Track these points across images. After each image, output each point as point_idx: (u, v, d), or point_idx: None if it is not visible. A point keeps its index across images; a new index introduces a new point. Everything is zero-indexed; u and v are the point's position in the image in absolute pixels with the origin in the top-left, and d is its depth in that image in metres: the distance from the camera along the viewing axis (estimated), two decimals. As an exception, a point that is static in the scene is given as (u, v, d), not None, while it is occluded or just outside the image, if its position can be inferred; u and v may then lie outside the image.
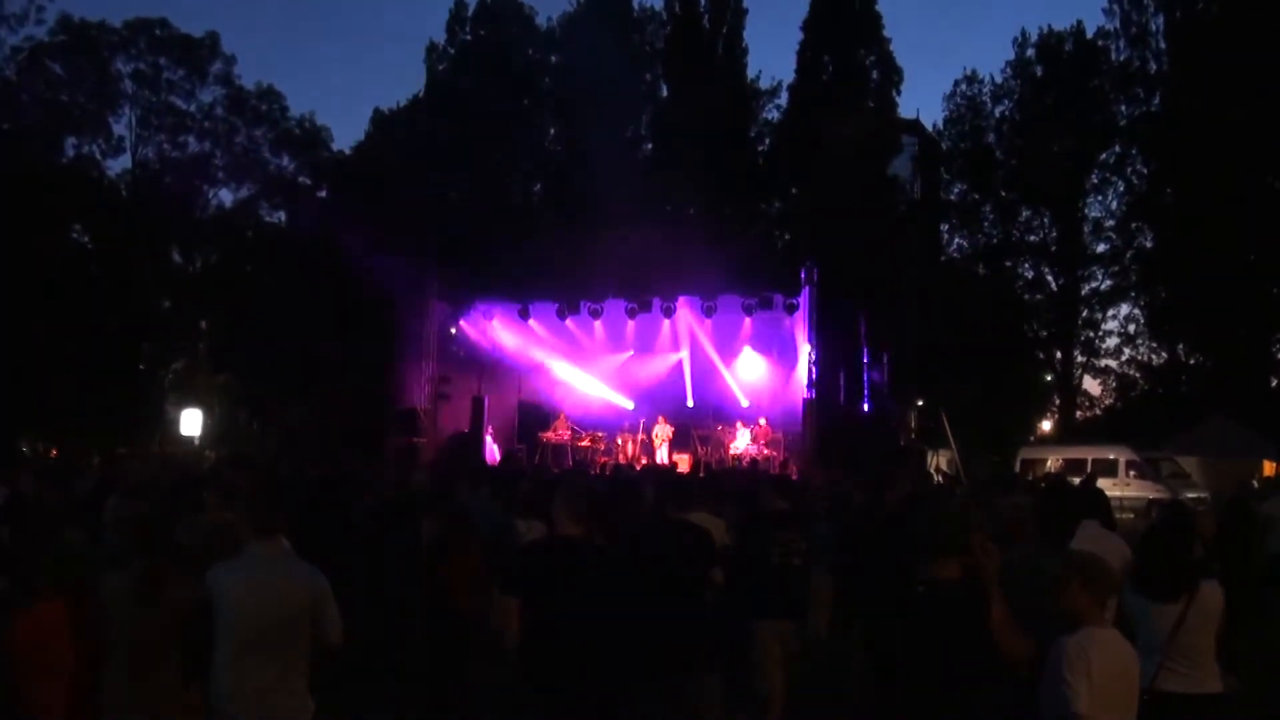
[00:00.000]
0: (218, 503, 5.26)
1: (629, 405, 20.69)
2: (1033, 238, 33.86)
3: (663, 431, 19.22)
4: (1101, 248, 33.07)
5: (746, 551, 5.72)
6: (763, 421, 18.73)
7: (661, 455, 18.87)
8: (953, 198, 33.76)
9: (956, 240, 34.66)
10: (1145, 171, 32.13)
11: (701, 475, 11.54)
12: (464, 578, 5.37)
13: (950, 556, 3.41)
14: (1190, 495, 17.64)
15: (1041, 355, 34.24)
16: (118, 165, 32.48)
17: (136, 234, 30.35)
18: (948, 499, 7.82)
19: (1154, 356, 33.16)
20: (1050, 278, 33.83)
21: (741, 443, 18.45)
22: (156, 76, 31.65)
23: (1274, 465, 21.52)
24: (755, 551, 5.67)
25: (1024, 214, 33.71)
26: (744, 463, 17.02)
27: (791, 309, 17.28)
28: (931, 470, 17.62)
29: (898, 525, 5.33)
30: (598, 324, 19.10)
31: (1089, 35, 32.38)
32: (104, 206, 30.49)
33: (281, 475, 9.23)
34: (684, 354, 20.21)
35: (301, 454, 17.52)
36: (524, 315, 18.95)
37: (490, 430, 19.52)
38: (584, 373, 20.78)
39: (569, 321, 19.09)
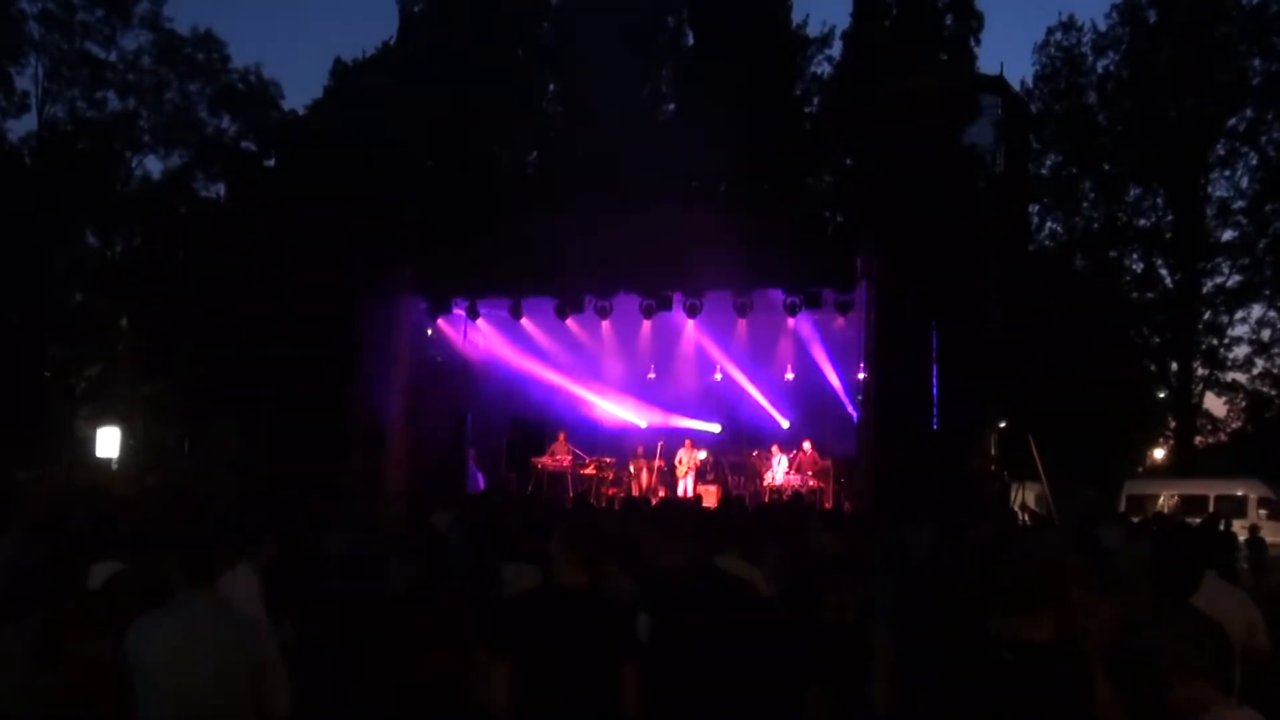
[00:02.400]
0: (141, 542, 5.28)
1: (641, 423, 20.72)
2: (1143, 222, 33.77)
3: (689, 458, 19.19)
4: (1229, 235, 32.97)
5: (790, 604, 5.69)
6: (807, 446, 18.71)
7: (686, 486, 18.86)
8: (1044, 172, 33.71)
9: (1049, 224, 34.65)
10: (1284, 141, 32.02)
11: (733, 511, 11.52)
12: (440, 635, 5.35)
13: (1043, 613, 3.37)
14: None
15: (1153, 367, 34.10)
16: (21, 127, 32.94)
17: (43, 210, 30.55)
18: (1038, 542, 7.78)
19: (1293, 369, 33.02)
20: (1165, 271, 33.74)
21: (781, 471, 18.43)
22: (69, 19, 31.92)
23: None
24: (801, 604, 5.64)
25: (1132, 193, 33.63)
26: (785, 496, 16.99)
27: (845, 308, 17.27)
28: (1016, 508, 17.54)
29: (975, 574, 5.30)
30: (606, 325, 19.12)
31: (1215, -27, 32.34)
32: (3, 176, 30.71)
33: (212, 510, 9.26)
34: (712, 362, 20.24)
35: (241, 482, 17.56)
36: (515, 314, 18.98)
37: (474, 454, 19.53)
38: (588, 385, 20.80)
39: (571, 322, 19.13)
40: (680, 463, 19.17)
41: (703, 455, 19.22)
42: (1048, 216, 34.47)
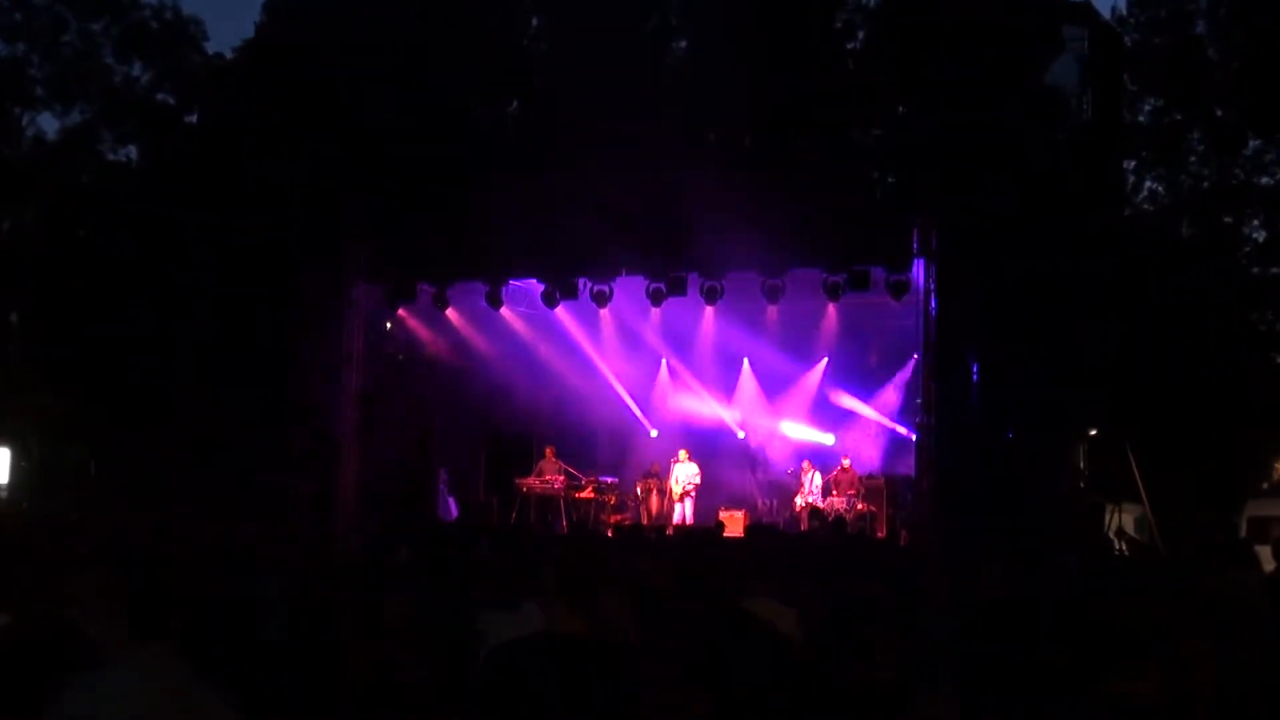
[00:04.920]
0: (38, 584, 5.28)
1: (652, 432, 20.74)
2: (1265, 180, 33.66)
3: (684, 473, 19.13)
4: (1371, 196, 32.85)
5: (815, 656, 5.71)
6: (846, 462, 18.74)
7: (684, 511, 18.84)
8: (1142, 119, 33.64)
9: (1148, 184, 34.55)
10: None
11: (764, 540, 11.53)
12: (405, 695, 5.38)
13: (1149, 666, 3.38)
14: None
15: (1279, 358, 34.03)
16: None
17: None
18: (1140, 577, 7.77)
19: None
20: (1292, 240, 33.63)
21: (817, 490, 18.43)
22: (-57, -55, 31.92)
23: None
24: (826, 656, 5.66)
25: (1251, 145, 33.51)
26: (828, 522, 17.00)
27: (898, 290, 17.22)
28: (1111, 534, 17.52)
29: (1061, 617, 5.30)
30: (605, 313, 19.10)
31: None
32: None
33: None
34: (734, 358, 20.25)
35: (162, 510, 17.57)
36: (494, 301, 18.94)
37: (444, 475, 19.53)
38: (584, 388, 20.79)
39: (561, 311, 19.11)
40: (675, 480, 19.11)
41: (697, 470, 19.16)
42: (1146, 174, 34.38)
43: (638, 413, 21.14)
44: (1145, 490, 18.38)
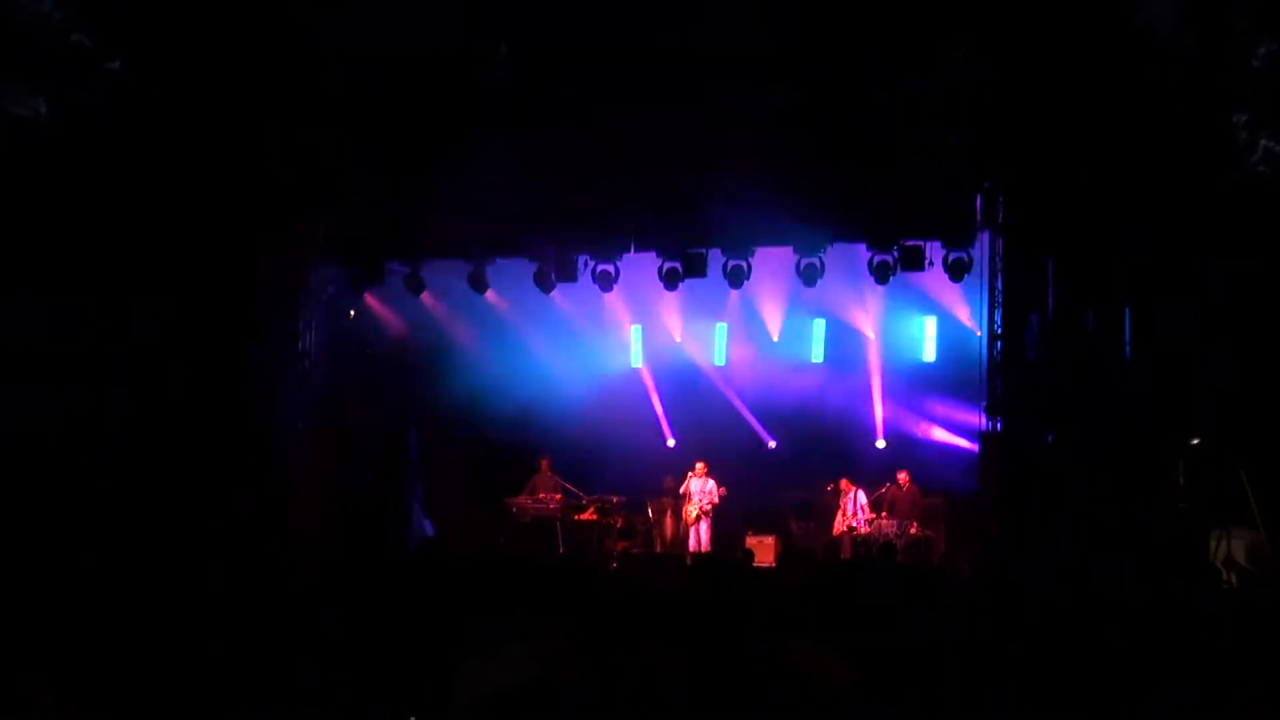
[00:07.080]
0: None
1: (669, 441, 20.79)
2: (1406, 137, 33.63)
3: (700, 489, 19.15)
4: None
5: (863, 706, 5.83)
6: (902, 478, 18.75)
7: (699, 534, 18.87)
8: (1256, 64, 33.60)
9: (1263, 143, 34.50)
10: None
11: (798, 572, 11.65)
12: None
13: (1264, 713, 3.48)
14: None
15: None
16: None
17: None
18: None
19: None
20: None
21: (860, 513, 18.48)
22: None
23: None
24: (877, 706, 5.77)
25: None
26: (874, 549, 17.06)
27: (958, 270, 17.26)
28: (1218, 564, 17.50)
29: (1156, 660, 5.41)
30: (610, 299, 19.14)
31: None
32: None
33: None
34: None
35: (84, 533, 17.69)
36: (478, 284, 18.95)
37: (419, 492, 19.58)
38: (587, 387, 20.86)
39: (558, 295, 19.13)
40: (689, 499, 19.11)
41: (718, 487, 19.17)
42: (1260, 131, 34.35)
43: (660, 413, 21.15)
44: (1259, 512, 18.31)
